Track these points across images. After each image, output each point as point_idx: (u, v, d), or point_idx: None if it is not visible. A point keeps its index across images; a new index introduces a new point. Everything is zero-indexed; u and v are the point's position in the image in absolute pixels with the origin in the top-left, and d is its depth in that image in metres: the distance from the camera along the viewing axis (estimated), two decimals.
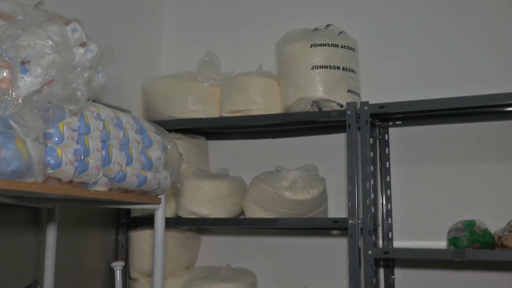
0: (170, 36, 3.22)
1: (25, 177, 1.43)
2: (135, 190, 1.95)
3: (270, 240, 2.91)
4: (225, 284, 2.64)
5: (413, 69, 2.78)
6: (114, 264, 2.66)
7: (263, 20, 3.07)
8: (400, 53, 2.82)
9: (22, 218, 2.27)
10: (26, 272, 2.25)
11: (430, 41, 2.77)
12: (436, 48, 2.76)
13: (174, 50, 3.21)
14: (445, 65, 2.74)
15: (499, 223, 2.41)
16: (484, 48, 2.68)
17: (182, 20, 3.23)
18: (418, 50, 2.79)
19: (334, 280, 2.75)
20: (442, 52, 2.75)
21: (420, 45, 2.79)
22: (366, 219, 2.38)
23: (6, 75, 1.36)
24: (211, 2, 3.19)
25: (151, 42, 3.16)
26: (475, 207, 2.57)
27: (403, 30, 2.83)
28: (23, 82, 1.41)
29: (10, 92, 1.35)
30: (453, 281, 2.59)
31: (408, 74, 2.79)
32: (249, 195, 2.69)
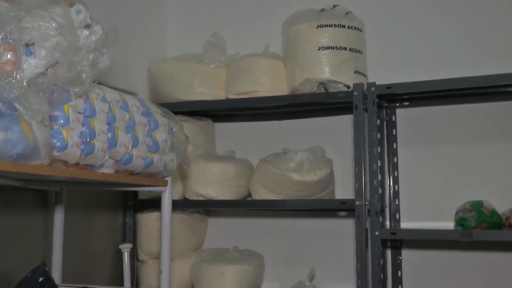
0: (176, 18, 3.21)
1: (31, 160, 1.43)
2: (142, 173, 1.95)
3: (277, 221, 2.92)
4: (232, 265, 2.65)
5: (421, 50, 2.76)
6: (122, 246, 2.68)
7: (269, 0, 3.04)
8: (408, 33, 2.79)
9: (30, 201, 2.29)
10: (34, 254, 2.27)
11: (437, 22, 2.74)
12: (443, 29, 2.73)
13: (180, 32, 3.19)
14: (453, 45, 2.71)
15: (507, 203, 2.41)
16: (493, 28, 2.65)
17: (188, 2, 3.21)
18: (426, 30, 2.76)
19: (341, 261, 2.76)
20: (450, 32, 2.72)
21: (427, 26, 2.76)
22: (373, 200, 2.37)
23: (10, 57, 1.35)
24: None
25: (156, 24, 3.15)
26: (482, 187, 2.56)
27: (410, 10, 2.80)
28: (28, 65, 1.41)
29: (14, 74, 1.34)
30: (461, 261, 2.59)
31: (416, 54, 2.76)
32: (256, 177, 2.69)
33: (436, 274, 2.62)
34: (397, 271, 2.67)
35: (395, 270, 2.67)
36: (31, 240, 2.28)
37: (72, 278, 2.32)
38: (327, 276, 2.76)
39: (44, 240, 2.32)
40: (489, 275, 2.54)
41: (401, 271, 2.67)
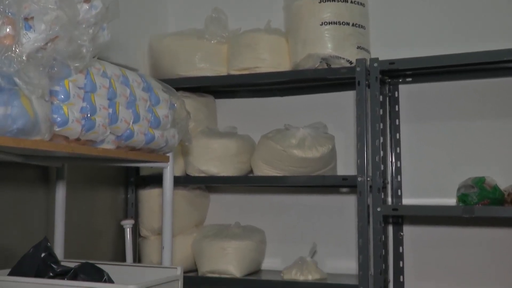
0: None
1: (31, 135, 1.43)
2: (143, 148, 1.95)
3: (278, 198, 2.92)
4: (234, 241, 2.66)
5: (424, 25, 2.73)
6: (124, 223, 2.69)
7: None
8: (411, 8, 2.76)
9: (31, 176, 2.28)
10: (36, 230, 2.27)
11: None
12: (447, 4, 2.70)
13: (181, 7, 3.16)
14: (456, 21, 2.68)
15: (509, 179, 2.41)
16: (497, 4, 2.62)
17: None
18: (429, 5, 2.73)
19: (343, 237, 2.77)
20: (454, 8, 2.69)
21: (430, 1, 2.73)
22: (375, 176, 2.37)
23: (9, 31, 1.34)
24: None
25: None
26: (485, 164, 2.55)
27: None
28: (27, 39, 1.40)
29: (13, 48, 1.33)
30: (462, 237, 2.59)
31: (419, 30, 2.74)
32: (258, 153, 2.69)
33: (438, 250, 2.63)
34: (399, 247, 2.67)
35: (397, 246, 2.68)
36: (32, 216, 2.29)
37: (74, 254, 2.32)
38: (329, 252, 2.77)
39: (46, 216, 2.32)
40: (491, 251, 2.55)
41: (403, 247, 2.68)
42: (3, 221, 2.14)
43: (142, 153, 1.96)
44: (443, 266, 2.62)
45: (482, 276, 2.55)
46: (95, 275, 1.84)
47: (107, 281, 1.83)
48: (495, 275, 2.54)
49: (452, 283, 2.59)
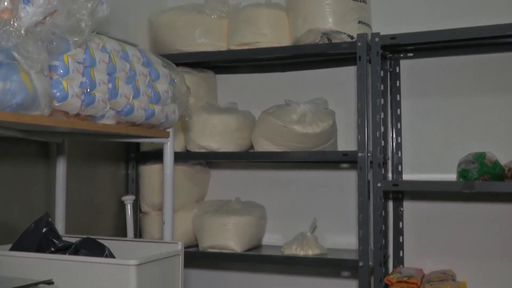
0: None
1: (31, 110, 1.42)
2: (143, 124, 1.94)
3: (279, 173, 2.92)
4: (235, 217, 2.67)
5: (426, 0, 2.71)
6: (125, 198, 2.69)
7: None
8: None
9: (32, 152, 2.28)
10: (37, 206, 2.28)
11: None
12: None
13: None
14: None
15: (510, 155, 2.40)
16: None
17: None
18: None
19: (343, 212, 2.77)
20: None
21: None
22: (376, 152, 2.37)
23: (7, 4, 1.33)
24: None
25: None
26: (486, 139, 2.55)
27: None
28: (25, 13, 1.38)
29: (11, 22, 1.32)
30: (462, 213, 2.60)
31: (420, 4, 2.71)
32: (258, 129, 2.68)
33: (438, 225, 2.64)
34: (399, 222, 2.68)
35: (397, 221, 2.69)
36: (33, 191, 2.29)
37: (75, 230, 2.33)
38: (329, 227, 2.78)
39: (47, 192, 2.33)
40: (491, 226, 2.56)
41: (403, 222, 2.68)
42: (4, 197, 2.14)
43: (142, 129, 1.96)
44: (443, 241, 2.63)
45: (482, 251, 2.57)
46: (96, 250, 1.85)
47: (108, 256, 1.85)
48: (495, 250, 2.55)
49: (452, 258, 2.60)
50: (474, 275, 2.55)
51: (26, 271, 1.74)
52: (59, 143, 2.25)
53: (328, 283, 2.81)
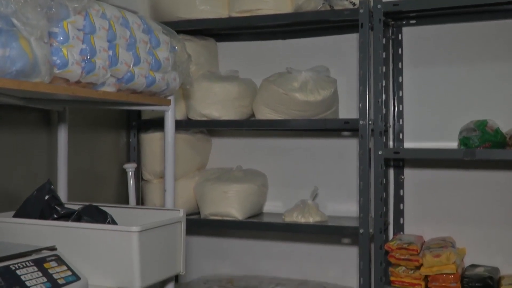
0: None
1: (31, 77, 1.42)
2: (144, 91, 1.94)
3: (280, 141, 2.93)
4: (236, 184, 2.68)
5: None
6: (127, 166, 2.70)
7: None
8: None
9: (33, 120, 2.28)
10: (39, 173, 2.29)
11: None
12: None
13: None
14: None
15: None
16: None
17: None
18: None
19: (344, 180, 2.78)
20: None
21: None
22: (377, 120, 2.36)
23: None
24: None
25: None
26: (487, 107, 2.55)
27: None
28: None
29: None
30: (463, 181, 2.61)
31: None
32: (260, 97, 2.67)
33: (438, 193, 2.65)
34: (399, 190, 2.70)
35: (397, 189, 2.70)
36: (35, 159, 2.30)
37: (77, 197, 2.35)
38: (330, 195, 2.80)
39: (49, 160, 2.34)
40: (491, 194, 2.57)
41: (403, 190, 2.70)
42: (6, 164, 2.15)
43: (143, 96, 1.95)
44: (443, 208, 2.64)
45: (482, 219, 2.58)
46: (98, 217, 1.86)
47: (110, 223, 1.86)
48: (494, 217, 2.56)
49: (452, 226, 2.62)
50: (474, 242, 2.57)
51: (29, 238, 1.75)
52: (60, 111, 2.25)
53: (328, 250, 2.84)
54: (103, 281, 1.72)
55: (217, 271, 3.03)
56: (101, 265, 1.72)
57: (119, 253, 1.70)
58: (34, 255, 1.57)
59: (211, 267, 3.05)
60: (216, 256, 3.05)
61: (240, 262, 3.00)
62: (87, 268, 1.68)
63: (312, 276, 2.84)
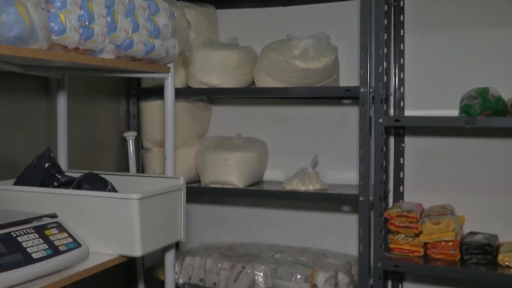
0: None
1: (29, 43, 1.40)
2: (143, 59, 1.92)
3: (280, 109, 2.92)
4: (236, 153, 2.68)
5: None
6: (127, 134, 2.70)
7: None
8: None
9: (32, 88, 2.27)
10: (39, 141, 2.28)
11: None
12: None
13: None
14: None
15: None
16: None
17: None
18: None
19: (344, 148, 2.78)
20: None
21: None
22: (378, 87, 2.35)
23: None
24: None
25: None
26: (489, 74, 2.53)
27: None
28: None
29: None
30: (464, 148, 2.60)
31: None
32: (260, 64, 2.66)
33: (438, 161, 2.65)
34: (399, 158, 2.70)
35: (398, 157, 2.70)
36: (35, 127, 2.29)
37: (77, 165, 2.35)
38: (330, 163, 2.80)
39: (49, 128, 2.33)
40: (491, 162, 2.57)
41: (403, 158, 2.70)
42: (5, 132, 2.15)
43: (142, 64, 1.93)
44: (443, 176, 2.65)
45: (482, 186, 2.59)
46: (99, 184, 1.86)
47: (111, 191, 1.86)
48: (494, 185, 2.57)
49: (451, 193, 2.63)
50: (473, 210, 2.58)
51: (29, 206, 1.76)
52: (59, 78, 2.24)
53: (328, 217, 2.85)
54: (104, 248, 1.73)
55: (217, 238, 3.05)
56: (101, 233, 1.73)
57: (120, 220, 1.71)
58: (35, 222, 1.58)
59: (211, 235, 3.07)
60: (217, 224, 3.07)
61: (240, 230, 3.02)
62: (87, 235, 1.69)
63: (312, 244, 2.86)
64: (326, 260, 2.63)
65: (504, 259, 2.26)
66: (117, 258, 1.73)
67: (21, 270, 1.40)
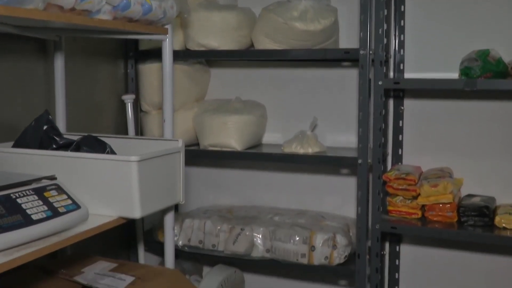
0: None
1: (24, 3, 1.39)
2: (141, 20, 1.90)
3: (280, 72, 2.90)
4: (235, 115, 2.67)
5: None
6: (125, 97, 2.69)
7: None
8: None
9: (29, 49, 2.25)
10: (37, 104, 2.27)
11: None
12: None
13: None
14: None
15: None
16: None
17: None
18: None
19: (343, 111, 2.78)
20: None
21: None
22: (378, 49, 2.33)
23: None
24: None
25: None
26: (490, 36, 2.50)
27: None
28: None
29: None
30: (463, 111, 2.60)
31: None
32: (259, 26, 2.63)
33: (437, 123, 2.65)
34: (399, 120, 2.69)
35: (397, 120, 2.70)
36: (33, 90, 2.28)
37: (76, 128, 2.34)
38: (329, 126, 2.79)
39: (46, 91, 2.32)
40: (491, 125, 2.56)
41: (403, 121, 2.69)
42: (3, 94, 2.13)
43: (139, 25, 1.91)
44: (442, 139, 2.65)
45: (480, 149, 2.59)
46: (97, 147, 1.86)
47: (109, 153, 1.86)
48: (493, 148, 2.57)
49: (450, 156, 2.63)
50: (471, 172, 2.59)
51: (28, 168, 1.76)
52: (56, 40, 2.22)
53: (327, 180, 2.86)
54: (103, 210, 1.74)
55: (216, 201, 3.07)
56: (101, 195, 1.73)
57: (119, 182, 1.71)
58: (34, 184, 1.58)
59: (210, 198, 3.08)
60: (216, 187, 3.08)
61: (239, 193, 3.04)
62: (87, 198, 1.70)
63: (310, 206, 2.88)
64: (324, 222, 2.65)
65: (501, 221, 2.28)
66: (117, 219, 1.74)
67: (21, 231, 1.41)
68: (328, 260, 2.47)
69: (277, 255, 2.54)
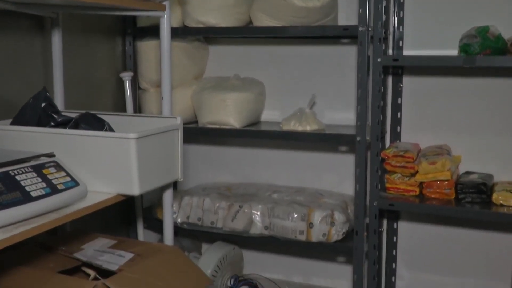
0: None
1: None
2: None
3: (278, 49, 2.88)
4: (234, 93, 2.66)
5: None
6: (123, 75, 2.68)
7: None
8: None
9: (26, 26, 2.23)
10: (35, 81, 2.27)
11: None
12: None
13: None
14: None
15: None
16: None
17: None
18: None
19: (342, 88, 2.77)
20: None
21: None
22: (377, 26, 2.31)
23: None
24: None
25: None
26: (490, 13, 2.49)
27: None
28: None
29: None
30: (462, 88, 2.59)
31: None
32: (257, 3, 2.61)
33: (436, 101, 2.64)
34: (397, 98, 2.69)
35: (395, 97, 2.69)
36: (30, 67, 2.27)
37: (74, 106, 2.34)
38: (328, 103, 2.79)
39: (44, 68, 2.31)
40: (490, 102, 2.56)
41: (401, 98, 2.69)
42: (0, 71, 2.12)
43: (137, 1, 1.90)
44: (441, 116, 2.64)
45: (479, 127, 2.59)
46: (96, 124, 1.86)
47: (108, 131, 1.86)
48: (492, 125, 2.57)
49: (448, 134, 2.63)
50: (470, 150, 2.59)
51: (27, 145, 1.76)
52: (53, 17, 2.20)
53: (325, 157, 2.87)
54: (102, 187, 1.75)
55: (215, 179, 3.08)
56: (99, 172, 1.74)
57: (117, 160, 1.72)
58: (32, 161, 1.58)
59: (209, 176, 3.09)
60: (214, 164, 3.09)
61: (237, 170, 3.04)
62: (85, 175, 1.70)
63: (309, 184, 2.89)
64: (323, 199, 2.66)
65: (498, 198, 2.29)
66: (116, 196, 1.75)
67: (20, 208, 1.41)
68: (326, 237, 2.49)
69: (275, 232, 2.56)
